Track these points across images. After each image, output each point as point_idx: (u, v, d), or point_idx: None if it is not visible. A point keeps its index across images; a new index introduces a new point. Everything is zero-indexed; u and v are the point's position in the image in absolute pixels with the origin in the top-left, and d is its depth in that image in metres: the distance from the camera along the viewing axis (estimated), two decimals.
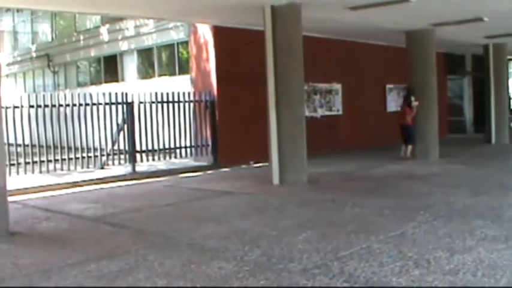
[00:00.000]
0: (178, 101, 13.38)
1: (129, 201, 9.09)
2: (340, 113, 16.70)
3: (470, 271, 4.74)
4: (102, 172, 12.39)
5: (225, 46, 13.41)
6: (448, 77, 21.53)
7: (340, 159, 14.06)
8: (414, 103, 13.61)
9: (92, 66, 20.55)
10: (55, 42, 21.93)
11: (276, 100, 10.20)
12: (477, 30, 14.62)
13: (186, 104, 13.52)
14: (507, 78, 19.25)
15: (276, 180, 10.28)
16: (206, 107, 13.55)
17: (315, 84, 15.59)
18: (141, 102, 12.81)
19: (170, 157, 13.64)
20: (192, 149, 13.75)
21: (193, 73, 14.21)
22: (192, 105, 13.61)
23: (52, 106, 11.83)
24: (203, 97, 13.53)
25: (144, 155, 12.95)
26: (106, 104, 12.38)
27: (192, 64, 14.28)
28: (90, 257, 5.59)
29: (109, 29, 18.21)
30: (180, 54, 15.81)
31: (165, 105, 13.18)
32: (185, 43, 15.08)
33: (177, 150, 13.66)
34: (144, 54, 17.40)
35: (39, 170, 11.71)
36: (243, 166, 13.36)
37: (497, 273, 4.67)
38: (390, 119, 17.93)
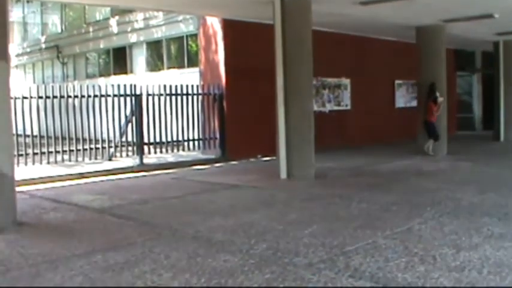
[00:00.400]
0: (187, 94, 13.38)
1: (136, 193, 9.09)
2: (348, 108, 16.66)
3: (476, 268, 4.72)
4: (110, 164, 12.42)
5: (234, 39, 13.41)
6: (458, 73, 21.44)
7: (348, 155, 14.04)
8: (440, 99, 13.52)
9: (101, 58, 20.60)
10: (64, 34, 21.98)
11: (284, 94, 10.17)
12: (488, 26, 14.53)
13: (195, 96, 13.53)
14: None
15: (283, 174, 10.27)
16: (214, 99, 13.54)
17: (323, 78, 15.54)
18: (149, 95, 12.81)
19: (178, 150, 13.65)
20: (200, 142, 13.76)
21: (202, 66, 14.21)
22: (200, 98, 13.61)
23: (61, 97, 11.86)
24: (212, 90, 13.52)
25: (152, 147, 12.98)
26: (114, 95, 12.40)
27: (201, 57, 14.27)
28: (97, 248, 5.60)
29: (118, 21, 18.22)
30: (189, 46, 15.81)
31: (173, 97, 13.18)
32: (194, 36, 15.08)
33: (185, 143, 13.67)
34: (153, 46, 17.42)
35: (47, 160, 11.77)
36: (251, 160, 13.37)
37: (503, 270, 4.66)
38: (399, 115, 17.93)
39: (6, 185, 6.75)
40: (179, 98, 13.27)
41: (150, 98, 12.83)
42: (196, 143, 13.77)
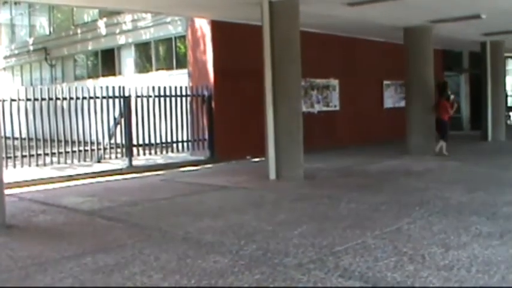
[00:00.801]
0: (176, 95, 13.35)
1: (126, 195, 9.06)
2: (337, 108, 16.70)
3: (465, 267, 4.75)
4: (99, 166, 12.37)
5: (222, 41, 13.40)
6: (445, 73, 21.55)
7: (337, 155, 14.05)
8: (452, 97, 13.66)
9: (89, 60, 20.53)
10: (52, 36, 21.89)
11: (273, 95, 10.17)
12: (475, 27, 14.63)
13: (183, 98, 13.51)
14: (504, 75, 19.30)
15: (272, 175, 10.27)
16: (203, 101, 13.53)
17: (312, 79, 15.57)
18: (138, 96, 12.78)
19: (167, 151, 13.63)
20: (189, 143, 13.74)
21: (191, 67, 14.19)
22: (189, 99, 13.59)
23: (49, 99, 11.79)
24: (200, 91, 13.51)
25: (141, 149, 12.94)
26: (103, 97, 12.35)
27: (190, 58, 14.25)
28: (86, 250, 5.58)
29: (106, 22, 18.17)
30: (178, 48, 15.79)
31: (162, 99, 13.15)
32: (183, 37, 15.07)
33: (174, 145, 13.65)
34: (142, 48, 17.39)
35: (35, 163, 11.69)
36: (240, 161, 13.33)
37: (492, 269, 4.68)
38: (387, 115, 18.01)
39: None
40: (168, 99, 13.24)
41: (138, 99, 12.79)
42: (185, 144, 13.75)
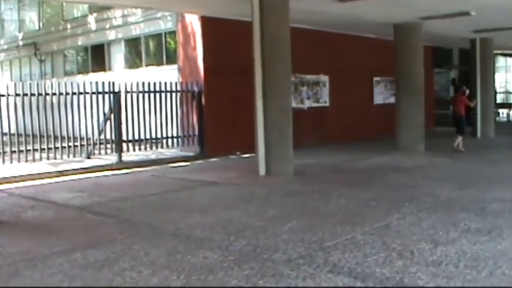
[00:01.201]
0: (166, 91, 13.30)
1: (116, 191, 9.05)
2: (327, 104, 16.70)
3: (453, 262, 4.79)
4: (89, 161, 12.32)
5: (213, 36, 13.36)
6: (435, 70, 21.61)
7: (327, 151, 14.07)
8: (467, 91, 13.86)
9: (79, 55, 20.40)
10: (42, 31, 21.72)
11: (263, 91, 10.17)
12: (465, 24, 14.68)
13: (173, 93, 13.46)
14: (493, 72, 19.39)
15: (262, 171, 10.27)
16: (193, 97, 13.50)
17: (302, 75, 15.57)
18: (128, 92, 12.72)
19: (157, 147, 13.57)
20: (179, 139, 13.71)
21: (181, 63, 14.14)
22: (179, 95, 13.56)
23: (39, 95, 11.72)
24: (190, 87, 13.48)
25: (130, 144, 12.89)
26: (93, 93, 12.29)
27: (180, 54, 14.20)
28: (76, 246, 5.57)
29: (96, 18, 18.06)
30: (168, 44, 15.73)
31: (152, 95, 13.10)
32: (173, 33, 15.00)
33: (164, 140, 13.60)
34: (132, 43, 17.30)
35: (25, 159, 11.62)
36: (230, 156, 13.31)
37: (479, 264, 4.73)
38: (377, 112, 18.04)
39: None
40: (158, 95, 13.20)
41: (128, 95, 12.74)
42: (175, 140, 13.71)
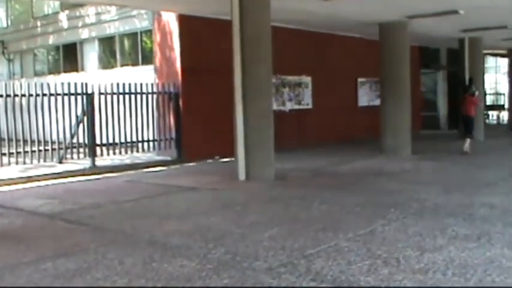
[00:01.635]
0: (141, 93, 13.08)
1: (88, 197, 8.90)
2: (309, 106, 16.54)
3: (441, 270, 4.73)
4: (60, 166, 12.08)
5: (190, 36, 13.20)
6: (422, 70, 21.55)
7: (309, 155, 14.00)
8: (477, 92, 13.82)
9: (50, 55, 20.12)
10: (10, 29, 21.38)
11: (242, 92, 10.03)
12: (453, 23, 14.66)
13: (149, 95, 13.24)
14: (482, 73, 19.32)
15: (242, 175, 10.12)
16: (170, 98, 13.30)
17: (283, 76, 15.41)
18: (101, 94, 12.47)
19: (132, 151, 13.36)
20: (155, 143, 13.49)
21: (158, 63, 13.95)
22: (155, 96, 13.33)
23: (7, 96, 11.37)
24: (167, 88, 13.26)
25: (104, 148, 12.63)
26: (65, 94, 12.01)
27: (156, 54, 14.00)
28: (46, 255, 5.47)
29: (68, 15, 17.81)
30: (144, 43, 15.52)
31: (127, 96, 12.86)
32: (149, 32, 14.80)
33: (140, 144, 13.38)
34: (106, 42, 17.04)
35: None
36: (208, 161, 13.17)
37: (468, 272, 4.67)
38: (362, 114, 17.97)
39: None
40: (133, 96, 12.96)
41: (102, 97, 12.48)
42: (151, 144, 13.49)
